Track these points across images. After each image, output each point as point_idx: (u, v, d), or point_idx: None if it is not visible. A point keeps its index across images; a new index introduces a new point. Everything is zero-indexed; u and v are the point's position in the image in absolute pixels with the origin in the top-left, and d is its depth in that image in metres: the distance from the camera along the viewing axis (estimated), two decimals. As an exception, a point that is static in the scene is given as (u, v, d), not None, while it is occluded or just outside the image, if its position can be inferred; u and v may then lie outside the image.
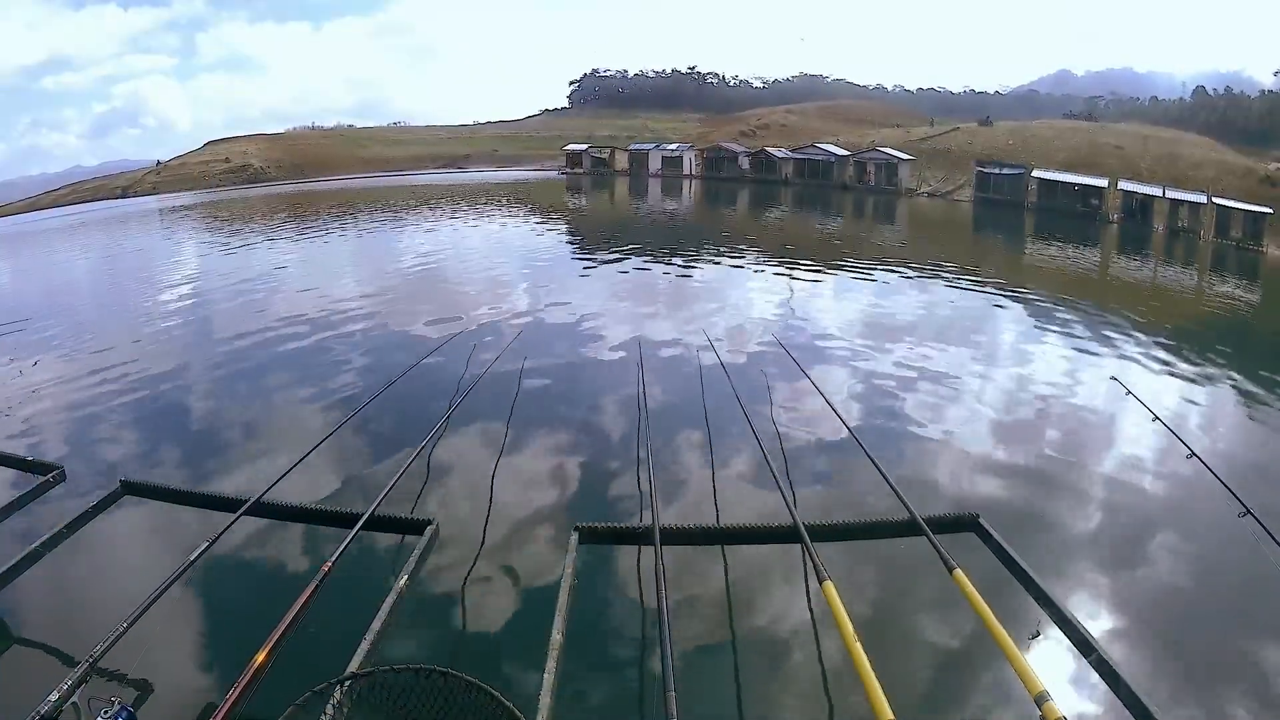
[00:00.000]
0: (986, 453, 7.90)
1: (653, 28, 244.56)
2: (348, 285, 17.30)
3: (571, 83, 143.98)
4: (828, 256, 22.70)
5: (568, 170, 73.47)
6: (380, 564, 5.25)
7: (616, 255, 21.94)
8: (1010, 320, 14.65)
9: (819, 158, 59.37)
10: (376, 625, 3.85)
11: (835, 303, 15.62)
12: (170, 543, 5.76)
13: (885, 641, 4.61)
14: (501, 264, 20.46)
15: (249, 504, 5.01)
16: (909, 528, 4.79)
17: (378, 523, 4.99)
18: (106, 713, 3.08)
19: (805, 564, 5.11)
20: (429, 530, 4.90)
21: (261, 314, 14.23)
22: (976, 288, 18.14)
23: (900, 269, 20.39)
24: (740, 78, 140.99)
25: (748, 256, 22.22)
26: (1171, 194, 38.06)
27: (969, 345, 12.17)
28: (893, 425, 8.56)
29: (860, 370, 10.53)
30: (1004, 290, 18.06)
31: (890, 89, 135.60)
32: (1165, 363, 11.72)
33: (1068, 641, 4.08)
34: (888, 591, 5.30)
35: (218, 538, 4.47)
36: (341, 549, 4.26)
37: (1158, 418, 7.02)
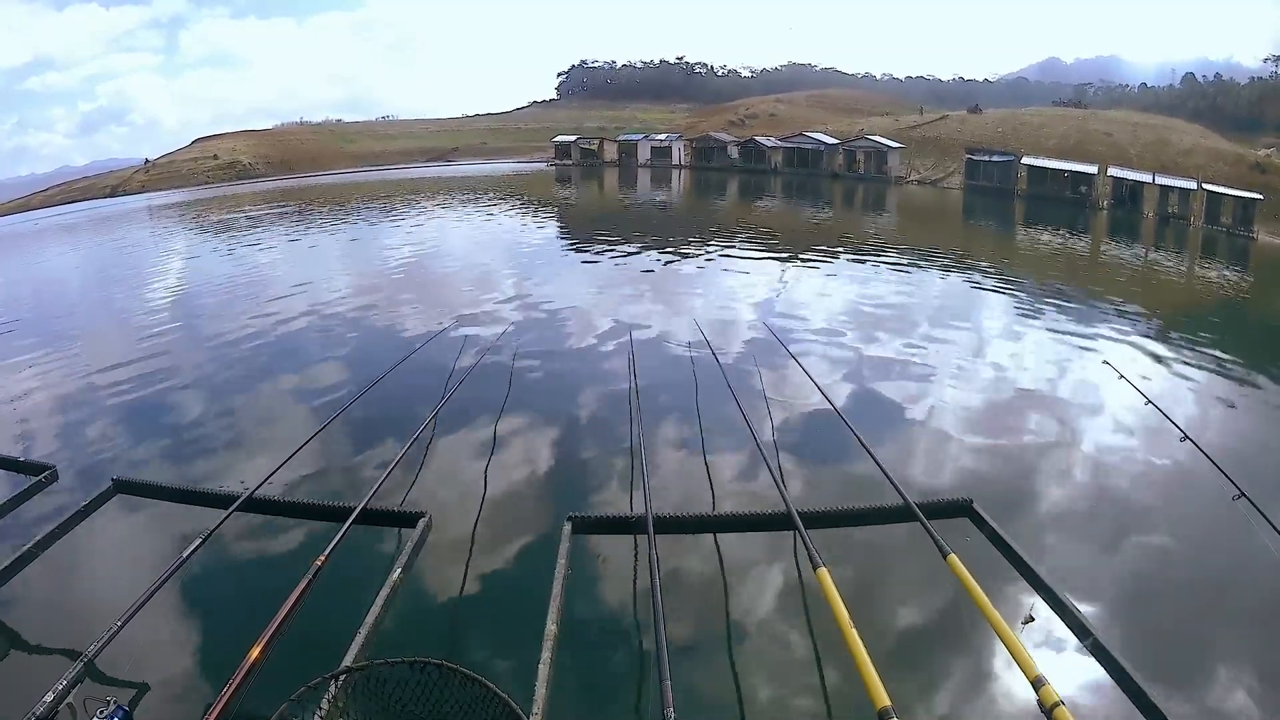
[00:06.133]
0: (979, 438, 7.91)
1: (640, 18, 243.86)
2: (337, 280, 17.22)
3: (559, 74, 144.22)
4: (818, 245, 22.67)
5: (556, 162, 73.17)
6: (374, 557, 5.22)
7: (606, 246, 21.86)
8: (1002, 306, 14.66)
9: (808, 146, 59.24)
10: (371, 619, 3.85)
11: (826, 291, 15.60)
12: (163, 541, 5.75)
13: (880, 628, 4.62)
14: (490, 257, 20.38)
15: (241, 500, 5.01)
16: (903, 513, 4.80)
17: (371, 516, 4.98)
18: (102, 712, 3.07)
19: (799, 551, 5.13)
20: (422, 523, 4.91)
21: (251, 311, 14.16)
22: (968, 274, 18.18)
23: (891, 257, 20.44)
24: (729, 67, 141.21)
25: (738, 246, 22.14)
26: (1161, 180, 38.17)
27: (961, 331, 12.18)
28: (885, 411, 8.57)
29: (852, 357, 10.54)
30: (995, 276, 18.11)
31: (879, 77, 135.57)
32: (1157, 347, 11.76)
33: (1063, 625, 4.11)
34: (882, 578, 5.31)
35: (210, 535, 4.47)
36: (335, 543, 4.25)
37: (1150, 401, 7.04)
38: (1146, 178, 39.16)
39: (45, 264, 27.64)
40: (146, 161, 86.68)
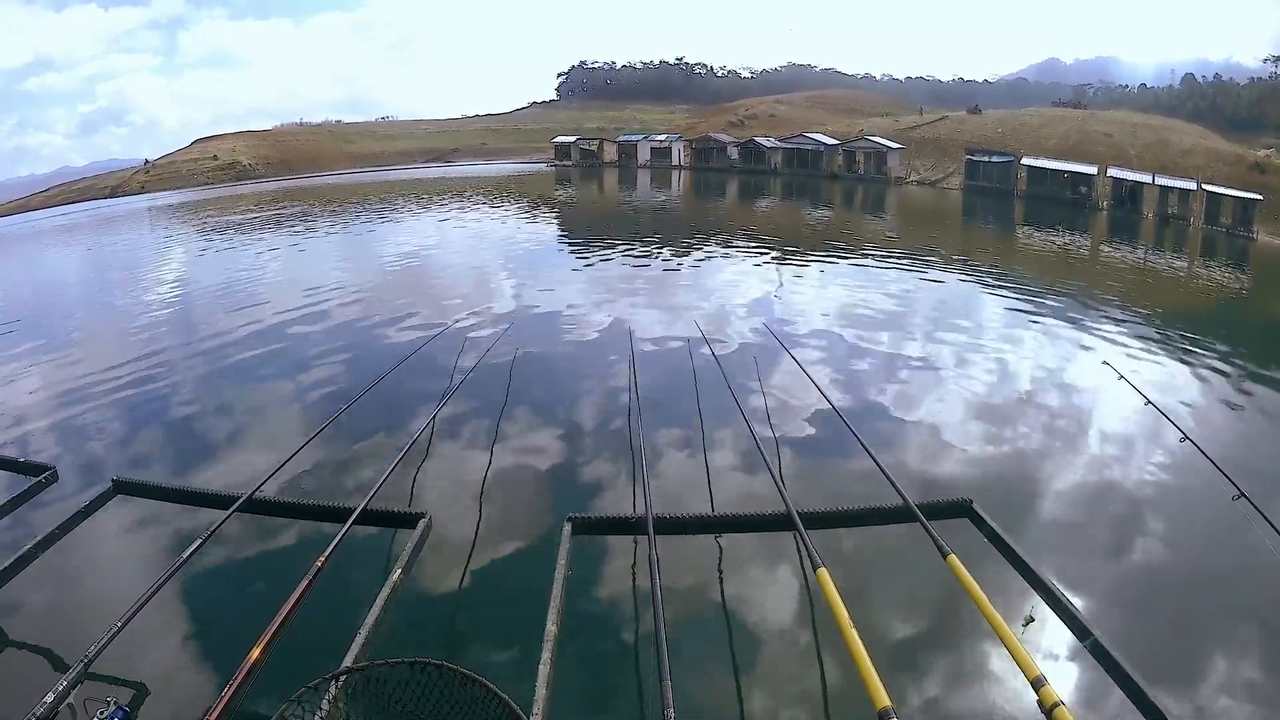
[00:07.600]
0: (979, 438, 7.91)
1: (640, 18, 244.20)
2: (336, 281, 17.20)
3: (559, 75, 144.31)
4: (818, 245, 22.69)
5: (556, 163, 73.26)
6: (374, 558, 5.23)
7: (606, 247, 21.87)
8: (1001, 306, 14.64)
9: (808, 147, 59.16)
10: (371, 619, 3.84)
11: (826, 291, 15.61)
12: (163, 541, 5.76)
13: (880, 628, 4.63)
14: (490, 258, 20.38)
15: (241, 501, 5.00)
16: (903, 514, 4.80)
17: (371, 517, 4.98)
18: (102, 713, 3.07)
19: (799, 551, 5.13)
20: (422, 524, 4.90)
21: (250, 311, 14.15)
22: (967, 275, 18.17)
23: (891, 257, 20.42)
24: (728, 68, 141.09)
25: (737, 247, 22.14)
26: (1161, 181, 38.09)
27: (960, 332, 12.17)
28: (885, 412, 8.57)
29: (852, 358, 10.53)
30: (995, 277, 18.10)
31: (879, 78, 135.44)
32: (1157, 347, 11.75)
33: (1063, 625, 4.10)
34: (882, 578, 5.31)
35: (210, 535, 4.47)
36: (335, 544, 4.25)
37: (1150, 402, 7.03)
38: (1146, 178, 39.11)
39: (45, 265, 27.65)
40: (146, 162, 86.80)
